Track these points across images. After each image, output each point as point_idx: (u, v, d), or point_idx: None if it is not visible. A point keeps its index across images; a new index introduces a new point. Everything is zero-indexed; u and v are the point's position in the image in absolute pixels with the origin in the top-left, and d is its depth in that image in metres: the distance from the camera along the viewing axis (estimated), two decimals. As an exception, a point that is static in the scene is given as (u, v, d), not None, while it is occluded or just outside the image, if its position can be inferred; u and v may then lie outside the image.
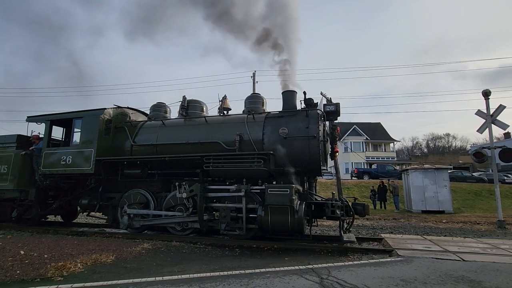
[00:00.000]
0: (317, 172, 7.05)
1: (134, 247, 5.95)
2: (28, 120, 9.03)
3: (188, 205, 6.97)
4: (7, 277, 4.16)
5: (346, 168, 40.42)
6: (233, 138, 7.02)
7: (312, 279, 4.01)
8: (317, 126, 6.78)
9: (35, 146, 8.87)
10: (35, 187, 8.57)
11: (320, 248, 6.10)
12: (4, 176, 8.68)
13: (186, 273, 4.39)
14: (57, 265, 4.55)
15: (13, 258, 4.93)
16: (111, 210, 8.07)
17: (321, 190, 18.67)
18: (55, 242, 6.15)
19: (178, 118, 8.51)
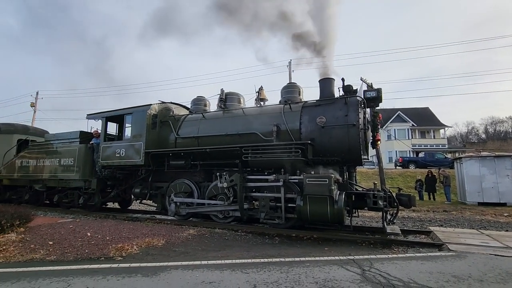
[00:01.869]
0: (357, 162, 6.82)
1: (181, 232, 6.43)
2: (87, 118, 10.10)
3: (228, 195, 7.28)
4: (78, 255, 4.84)
5: (390, 157, 38.03)
6: (270, 128, 7.08)
7: (353, 270, 3.97)
8: (357, 113, 6.51)
9: (95, 140, 9.92)
10: (96, 177, 9.63)
11: (361, 239, 5.97)
12: (71, 167, 9.92)
13: (228, 258, 4.65)
14: (117, 247, 5.15)
15: (82, 239, 5.69)
16: (160, 198, 8.76)
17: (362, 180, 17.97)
18: (115, 226, 6.91)
19: (217, 110, 8.81)
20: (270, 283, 3.49)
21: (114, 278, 3.73)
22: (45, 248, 5.09)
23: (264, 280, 3.59)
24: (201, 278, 3.69)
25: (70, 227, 6.64)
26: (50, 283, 3.57)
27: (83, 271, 4.03)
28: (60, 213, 9.76)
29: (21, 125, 14.47)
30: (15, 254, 4.83)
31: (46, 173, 10.60)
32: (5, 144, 12.42)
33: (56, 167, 10.33)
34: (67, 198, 10.50)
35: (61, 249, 5.07)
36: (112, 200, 10.90)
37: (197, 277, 3.74)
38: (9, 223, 5.84)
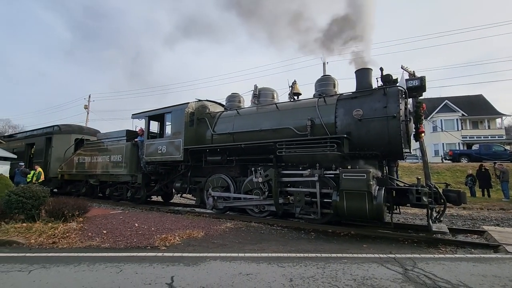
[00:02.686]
0: (398, 156, 6.46)
1: (219, 225, 6.69)
2: (132, 117, 10.89)
3: (264, 189, 7.38)
4: (128, 243, 5.31)
5: (436, 150, 34.97)
6: (305, 123, 6.99)
7: (394, 269, 3.82)
8: (397, 104, 6.14)
9: (139, 138, 10.68)
10: (141, 173, 10.39)
11: (403, 237, 5.67)
12: (119, 163, 10.81)
13: (265, 252, 4.75)
14: (161, 237, 5.53)
15: (131, 229, 6.21)
16: (199, 192, 9.18)
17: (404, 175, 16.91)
18: (159, 218, 7.41)
19: (251, 106, 8.92)
20: (306, 278, 3.51)
21: (159, 266, 4.04)
22: (100, 236, 5.67)
23: (300, 275, 3.61)
24: (239, 270, 3.83)
25: (120, 218, 7.27)
26: (105, 267, 3.98)
27: (132, 258, 4.42)
28: (112, 205, 10.72)
29: (77, 126, 16.09)
30: (76, 241, 5.45)
31: (99, 168, 11.69)
32: (65, 143, 13.95)
33: (107, 163, 11.34)
34: (117, 191, 11.51)
35: (114, 238, 5.60)
36: (156, 194, 11.67)
37: (235, 269, 3.89)
38: (70, 213, 6.59)
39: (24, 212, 6.51)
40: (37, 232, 5.72)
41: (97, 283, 3.40)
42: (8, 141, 16.74)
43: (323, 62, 18.52)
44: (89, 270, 3.88)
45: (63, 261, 4.32)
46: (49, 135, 14.46)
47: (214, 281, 3.42)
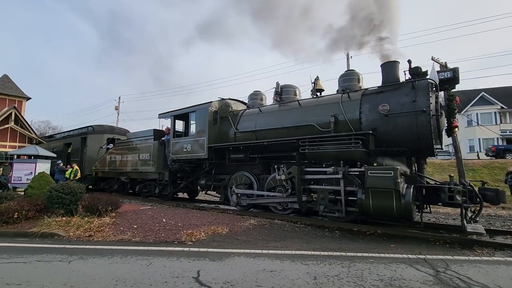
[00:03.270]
0: (428, 152, 6.15)
1: (243, 222, 6.79)
2: (159, 117, 11.31)
3: (287, 187, 7.37)
4: (156, 238, 5.55)
5: (471, 146, 32.54)
6: (328, 119, 6.87)
7: (424, 271, 3.67)
8: (427, 98, 5.84)
9: (166, 137, 11.08)
10: (168, 170, 10.79)
11: (434, 238, 5.41)
12: (148, 162, 11.30)
13: (288, 249, 4.76)
14: (187, 232, 5.73)
15: (159, 224, 6.48)
16: (223, 189, 9.36)
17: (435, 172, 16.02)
18: (185, 214, 7.67)
19: (273, 104, 8.91)
20: (331, 276, 3.48)
21: (186, 260, 4.19)
22: (131, 231, 5.98)
23: (324, 273, 3.59)
24: (262, 266, 3.87)
25: (149, 213, 7.62)
26: (136, 260, 4.21)
27: (160, 252, 4.63)
28: (141, 201, 11.23)
29: (109, 126, 17.02)
30: (109, 234, 5.80)
31: (129, 166, 12.30)
32: (98, 142, 14.82)
33: (136, 161, 11.90)
34: (146, 188, 12.04)
35: (143, 232, 5.89)
36: (182, 191, 12.06)
37: (259, 265, 3.94)
38: (104, 208, 7.02)
39: (63, 207, 7.03)
40: (75, 226, 6.16)
41: (129, 274, 3.61)
42: (48, 141, 18.09)
43: (347, 56, 17.98)
44: (122, 262, 4.12)
45: (98, 253, 4.62)
46: (84, 135, 15.45)
47: (238, 276, 3.50)
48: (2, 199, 7.33)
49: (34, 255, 4.51)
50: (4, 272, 3.78)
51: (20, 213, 6.68)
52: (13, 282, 3.39)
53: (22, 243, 5.38)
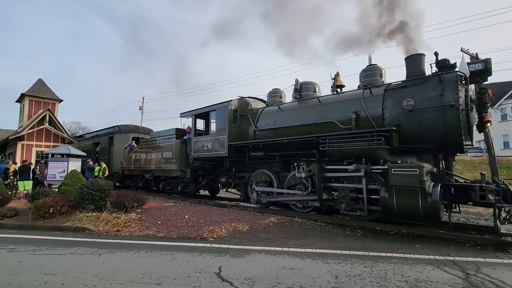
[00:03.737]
0: (457, 149, 5.85)
1: (263, 219, 6.83)
2: (180, 116, 11.61)
3: (307, 184, 7.31)
4: (179, 234, 5.73)
5: (505, 142, 30.26)
6: (349, 116, 6.72)
7: (453, 273, 3.52)
8: (456, 92, 5.54)
9: (187, 135, 11.35)
10: (189, 168, 11.06)
11: (464, 239, 5.15)
12: (170, 160, 11.65)
13: (309, 247, 4.74)
14: (209, 229, 5.86)
15: (182, 220, 6.68)
16: (243, 187, 9.46)
17: (465, 170, 15.18)
18: (206, 211, 7.84)
19: (293, 101, 8.84)
20: (353, 276, 3.43)
21: (208, 256, 4.30)
22: (156, 227, 6.22)
23: (346, 272, 3.54)
24: (283, 264, 3.89)
25: (172, 210, 7.87)
26: (161, 255, 4.38)
27: (183, 248, 4.78)
28: (164, 198, 11.61)
29: (134, 126, 17.71)
30: (135, 229, 6.07)
31: (153, 164, 12.75)
32: (124, 141, 15.48)
33: (160, 159, 12.30)
34: (169, 185, 12.42)
35: (167, 228, 6.10)
36: (203, 188, 12.32)
37: (279, 263, 3.96)
38: (130, 205, 7.34)
39: (93, 203, 7.44)
40: (104, 221, 6.50)
41: (154, 268, 3.76)
42: (79, 140, 19.15)
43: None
44: (147, 257, 4.30)
45: (126, 247, 4.86)
46: (111, 135, 16.20)
47: (259, 273, 3.54)
48: (39, 195, 7.88)
49: (68, 248, 4.83)
50: (42, 262, 4.08)
51: (55, 209, 7.15)
52: (50, 272, 3.66)
53: (57, 236, 5.77)
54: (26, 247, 4.93)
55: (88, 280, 3.37)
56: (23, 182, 11.43)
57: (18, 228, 6.74)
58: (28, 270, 3.75)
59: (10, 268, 3.85)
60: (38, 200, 7.41)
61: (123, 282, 3.30)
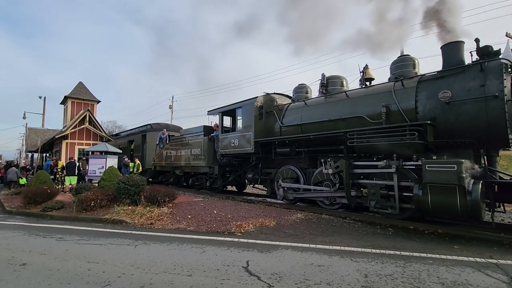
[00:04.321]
0: (501, 143, 5.38)
1: (290, 216, 6.83)
2: (208, 113, 11.90)
3: (334, 181, 7.16)
4: (208, 228, 5.93)
5: None
6: (379, 110, 6.45)
7: (496, 277, 3.28)
8: (500, 81, 5.09)
9: (215, 132, 11.62)
10: (217, 164, 11.32)
11: (510, 240, 4.75)
12: (199, 156, 12.01)
13: (337, 244, 4.66)
14: (236, 224, 5.98)
15: (210, 215, 6.89)
16: (270, 183, 9.50)
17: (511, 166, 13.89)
18: (234, 206, 8.00)
19: (319, 96, 8.67)
20: (383, 275, 3.33)
21: (236, 250, 4.41)
22: (186, 221, 6.48)
23: (376, 272, 3.45)
24: (310, 260, 3.88)
25: (201, 205, 8.13)
26: (191, 247, 4.57)
27: (212, 242, 4.94)
28: (194, 193, 12.01)
29: (165, 124, 18.45)
30: (167, 223, 6.37)
31: (182, 161, 13.22)
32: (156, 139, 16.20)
33: (189, 156, 12.73)
34: (198, 181, 12.83)
35: (197, 222, 6.33)
36: (231, 184, 12.56)
37: (306, 259, 3.95)
38: (162, 199, 7.72)
39: (129, 197, 7.92)
40: (139, 214, 6.90)
41: (185, 260, 3.94)
42: (115, 138, 20.39)
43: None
44: (179, 249, 4.51)
45: (159, 239, 5.13)
46: (144, 133, 17.04)
47: (286, 269, 3.56)
48: (81, 190, 8.55)
49: (107, 239, 5.21)
50: (85, 251, 4.45)
51: (95, 202, 7.72)
52: (93, 260, 3.98)
53: (98, 228, 6.24)
54: (72, 237, 5.40)
55: (126, 269, 3.62)
56: (69, 177, 12.49)
57: (65, 219, 7.39)
58: (74, 258, 4.11)
59: (59, 255, 4.25)
60: (81, 194, 8.05)
61: (157, 272, 3.50)
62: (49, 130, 26.35)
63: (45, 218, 7.66)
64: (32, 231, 6.05)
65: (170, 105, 34.13)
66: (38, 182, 11.00)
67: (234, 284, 3.11)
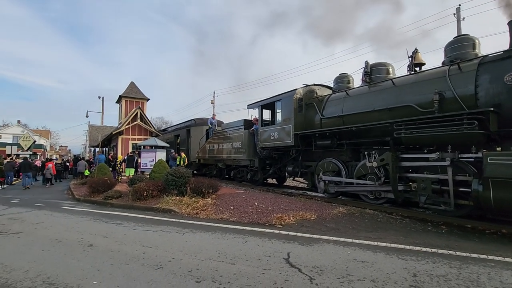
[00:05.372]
0: None
1: (331, 209, 6.69)
2: (248, 107, 12.09)
3: (379, 174, 6.80)
4: (250, 219, 6.10)
5: None
6: (430, 97, 5.92)
7: None
8: None
9: (255, 126, 11.79)
10: (257, 157, 11.50)
11: None
12: (240, 150, 12.31)
13: (382, 241, 4.47)
14: (277, 216, 6.06)
15: (252, 207, 7.07)
16: (310, 176, 9.37)
17: None
18: (274, 199, 8.09)
19: (362, 85, 8.23)
20: (435, 276, 3.12)
21: (277, 242, 4.48)
22: (229, 211, 6.75)
23: (426, 271, 3.24)
24: (353, 256, 3.79)
25: (243, 197, 8.37)
26: (234, 238, 4.76)
27: (254, 232, 5.08)
28: (235, 186, 12.39)
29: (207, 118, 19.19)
30: (211, 213, 6.71)
31: (224, 154, 13.69)
32: (199, 133, 16.99)
33: (230, 149, 13.12)
34: (239, 174, 13.19)
35: (239, 214, 6.55)
36: (271, 177, 12.68)
37: (349, 254, 3.87)
38: (206, 191, 8.13)
39: (176, 188, 8.48)
40: (186, 204, 7.37)
41: (228, 249, 4.14)
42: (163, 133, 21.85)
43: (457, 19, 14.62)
44: (222, 238, 4.74)
45: (204, 228, 5.44)
46: (188, 128, 17.97)
47: (327, 263, 3.54)
48: (135, 181, 9.39)
49: (158, 226, 5.68)
50: (140, 236, 4.92)
51: (147, 192, 8.43)
52: (147, 245, 4.39)
53: (150, 216, 6.82)
54: (129, 223, 6.00)
55: (175, 254, 3.93)
56: (129, 169, 13.83)
57: (122, 207, 8.21)
58: (131, 242, 4.58)
59: (118, 239, 4.77)
60: (135, 185, 8.85)
61: (202, 259, 3.74)
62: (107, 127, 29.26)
63: (106, 205, 8.60)
64: (96, 216, 6.85)
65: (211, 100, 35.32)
66: (100, 174, 12.37)
67: (275, 275, 3.19)
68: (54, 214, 7.32)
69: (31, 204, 9.03)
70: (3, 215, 7.06)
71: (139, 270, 3.38)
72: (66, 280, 3.12)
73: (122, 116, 19.37)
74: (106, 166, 13.90)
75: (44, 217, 6.82)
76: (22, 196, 11.14)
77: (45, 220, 6.49)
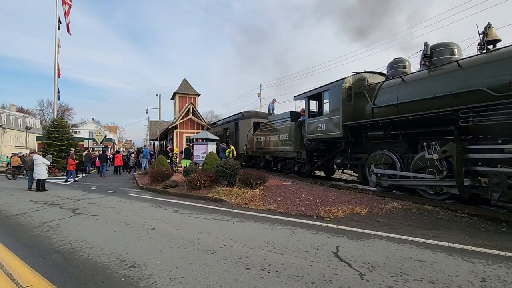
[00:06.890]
0: None
1: (384, 204, 6.33)
2: (294, 99, 11.94)
3: (441, 168, 6.18)
4: (297, 211, 6.12)
5: None
6: (507, 79, 5.12)
7: None
8: None
9: (302, 118, 11.62)
10: (305, 149, 11.36)
11: None
12: (287, 142, 12.30)
13: (443, 240, 4.11)
14: (325, 209, 5.97)
15: (299, 199, 7.07)
16: (360, 168, 8.95)
17: None
18: (322, 191, 7.94)
19: (420, 70, 7.47)
20: (509, 283, 2.78)
21: (325, 235, 4.44)
22: (276, 203, 6.86)
23: (497, 277, 2.91)
24: (409, 254, 3.57)
25: (290, 189, 8.40)
26: (282, 228, 4.85)
27: (301, 224, 5.10)
28: (283, 177, 12.44)
29: (254, 111, 19.53)
30: (259, 204, 6.89)
31: (271, 146, 13.81)
32: (247, 126, 17.39)
33: (277, 141, 13.18)
34: (286, 166, 13.20)
35: (286, 205, 6.62)
36: (318, 169, 12.42)
37: (404, 252, 3.65)
38: (254, 182, 8.36)
39: (226, 179, 8.89)
40: (235, 195, 7.69)
41: (276, 239, 4.24)
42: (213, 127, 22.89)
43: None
44: (270, 229, 4.87)
45: (252, 218, 5.64)
46: (237, 121, 18.51)
47: (380, 259, 3.40)
48: (190, 172, 10.10)
49: (211, 214, 6.06)
50: (195, 223, 5.33)
51: (200, 182, 9.01)
52: (200, 231, 4.74)
53: (203, 204, 7.30)
54: (184, 211, 6.52)
55: (226, 241, 4.18)
56: (185, 160, 14.98)
57: (178, 196, 8.93)
58: (187, 228, 4.99)
59: (176, 225, 5.23)
60: (189, 175, 9.52)
61: (252, 247, 3.90)
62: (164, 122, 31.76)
63: (165, 194, 9.45)
64: (157, 203, 7.59)
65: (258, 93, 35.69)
66: (159, 165, 13.58)
67: (324, 268, 3.18)
68: (123, 200, 8.32)
69: (105, 190, 10.39)
70: (84, 200, 8.28)
71: (194, 254, 3.69)
72: (134, 258, 3.56)
73: (177, 111, 20.82)
74: (164, 158, 15.19)
75: (115, 202, 7.80)
76: (97, 184, 12.89)
77: (116, 205, 7.42)
